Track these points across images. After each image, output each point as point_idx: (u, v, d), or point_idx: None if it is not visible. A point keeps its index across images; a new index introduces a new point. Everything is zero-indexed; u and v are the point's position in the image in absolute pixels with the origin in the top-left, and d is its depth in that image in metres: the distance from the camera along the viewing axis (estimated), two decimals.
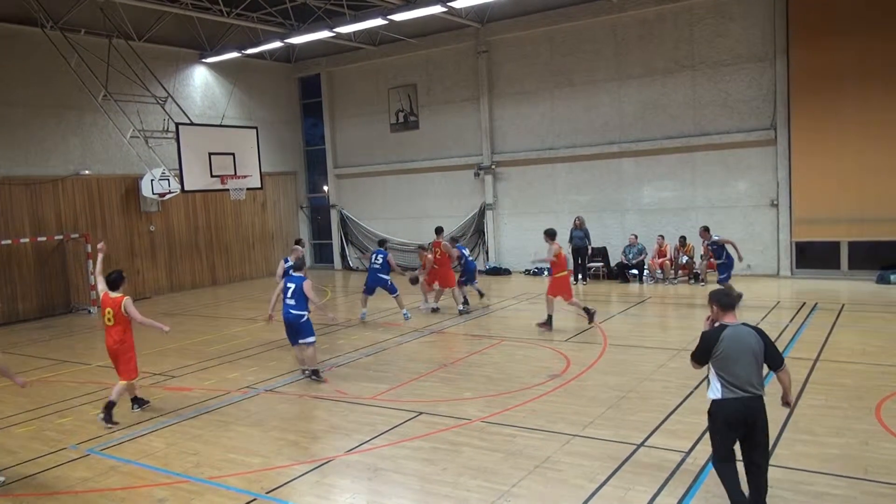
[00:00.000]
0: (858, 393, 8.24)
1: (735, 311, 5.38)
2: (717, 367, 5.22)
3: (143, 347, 13.29)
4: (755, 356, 5.17)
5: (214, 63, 22.39)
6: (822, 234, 17.21)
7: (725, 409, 5.17)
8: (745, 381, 5.13)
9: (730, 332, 5.21)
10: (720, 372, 5.20)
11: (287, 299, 10.09)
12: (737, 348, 5.15)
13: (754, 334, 5.22)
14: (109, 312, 8.67)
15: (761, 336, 5.22)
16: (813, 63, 16.58)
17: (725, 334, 5.20)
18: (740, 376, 5.13)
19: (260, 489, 6.44)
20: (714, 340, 5.21)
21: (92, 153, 19.19)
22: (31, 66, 17.76)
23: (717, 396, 5.22)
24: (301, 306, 10.02)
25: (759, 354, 5.18)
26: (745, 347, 5.16)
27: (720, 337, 5.19)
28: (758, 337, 5.21)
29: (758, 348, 5.17)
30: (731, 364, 5.15)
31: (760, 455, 5.21)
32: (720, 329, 5.26)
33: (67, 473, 7.10)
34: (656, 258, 18.09)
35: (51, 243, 18.08)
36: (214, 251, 22.56)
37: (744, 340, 5.18)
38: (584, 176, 20.16)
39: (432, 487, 6.30)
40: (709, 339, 5.26)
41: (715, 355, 5.21)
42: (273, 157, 24.03)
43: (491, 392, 9.12)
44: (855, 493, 5.71)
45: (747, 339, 5.19)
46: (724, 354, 5.17)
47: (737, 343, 5.16)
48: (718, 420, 5.23)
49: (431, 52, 22.31)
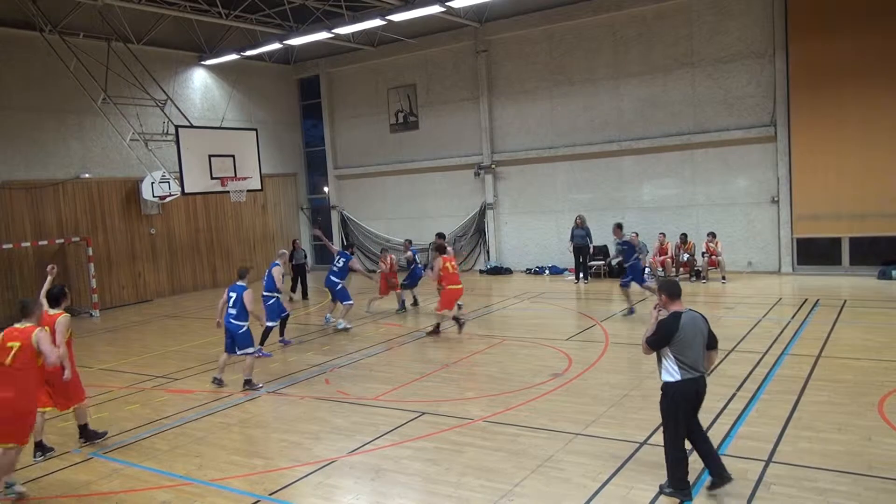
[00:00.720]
0: (861, 389, 8.23)
1: (680, 298, 5.77)
2: (675, 352, 5.57)
3: (145, 350, 13.36)
4: (704, 339, 5.65)
5: (213, 65, 22.39)
6: (823, 230, 17.20)
7: (683, 390, 5.58)
8: (697, 363, 5.61)
9: (686, 318, 5.59)
10: (678, 356, 5.57)
11: (229, 308, 9.97)
12: (692, 333, 5.58)
13: (703, 319, 5.71)
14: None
15: (705, 319, 5.74)
16: (812, 59, 16.56)
17: (684, 321, 5.57)
18: (695, 359, 5.59)
19: (263, 491, 6.44)
20: (675, 328, 5.55)
21: (92, 156, 19.20)
22: (31, 70, 17.77)
23: (677, 378, 5.59)
24: (242, 317, 9.89)
25: (706, 337, 5.67)
26: (699, 332, 5.62)
27: (679, 324, 5.55)
28: (704, 321, 5.71)
29: (706, 331, 5.67)
30: (686, 348, 5.55)
31: (696, 419, 5.78)
32: (677, 316, 5.60)
33: (71, 477, 7.11)
34: (657, 256, 18.08)
35: (52, 247, 18.08)
36: (215, 253, 22.57)
37: (697, 325, 5.63)
38: (584, 175, 20.15)
39: (435, 487, 6.30)
40: (669, 326, 5.58)
41: (674, 341, 5.56)
42: (273, 158, 24.04)
43: (493, 391, 9.12)
44: (858, 490, 5.70)
45: (700, 324, 5.65)
46: (682, 339, 5.55)
47: (693, 328, 5.59)
48: (677, 400, 5.60)
49: (430, 52, 22.31)
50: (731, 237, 18.01)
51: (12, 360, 6.33)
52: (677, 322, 5.54)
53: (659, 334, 5.63)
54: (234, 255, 23.04)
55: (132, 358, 12.78)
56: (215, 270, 22.53)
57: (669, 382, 5.64)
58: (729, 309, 13.87)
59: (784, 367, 9.33)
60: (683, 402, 5.60)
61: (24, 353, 6.36)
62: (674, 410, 5.64)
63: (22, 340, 6.40)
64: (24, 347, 6.36)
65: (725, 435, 7.00)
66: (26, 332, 6.45)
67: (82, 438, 7.98)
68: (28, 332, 6.47)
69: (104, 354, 13.50)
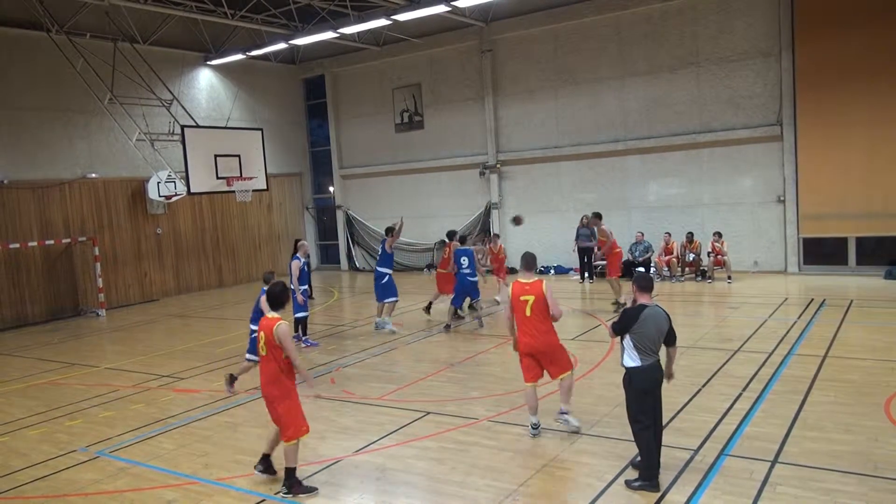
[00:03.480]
0: (867, 389, 8.20)
1: (651, 293, 6.14)
2: (635, 340, 6.00)
3: (151, 349, 13.41)
4: (661, 333, 6.06)
5: (219, 65, 22.44)
6: (830, 229, 17.13)
7: (642, 374, 5.98)
8: (654, 351, 6.02)
9: (649, 311, 6.01)
10: (638, 343, 5.98)
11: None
12: (652, 324, 5.99)
13: (665, 315, 6.10)
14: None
15: (668, 317, 6.12)
16: (819, 58, 16.50)
17: (646, 313, 5.99)
18: (653, 348, 6.00)
19: (269, 490, 6.46)
20: (635, 318, 5.98)
21: (98, 156, 19.27)
22: (37, 70, 17.84)
23: (637, 364, 5.99)
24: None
25: (664, 332, 6.07)
26: (658, 325, 6.03)
27: (641, 315, 5.98)
28: (666, 317, 6.10)
29: (665, 327, 6.07)
30: (645, 337, 5.96)
31: (659, 410, 6.07)
32: (640, 308, 6.03)
33: (77, 475, 7.14)
34: (663, 255, 18.04)
35: (58, 247, 18.16)
36: (221, 253, 22.63)
37: (658, 320, 6.03)
38: (589, 174, 20.13)
39: (441, 487, 6.31)
40: (631, 316, 6.02)
41: (635, 330, 5.98)
42: (278, 158, 24.08)
43: (498, 391, 9.12)
44: (865, 490, 5.68)
45: (661, 319, 6.05)
46: (643, 329, 5.96)
47: (653, 321, 6.00)
48: (637, 383, 5.99)
49: (435, 52, 22.31)
50: (737, 237, 17.96)
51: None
52: (640, 313, 5.98)
53: (622, 322, 6.07)
54: (240, 255, 23.10)
55: (138, 357, 12.83)
56: (221, 270, 22.59)
57: (631, 367, 6.03)
58: (734, 309, 13.84)
59: (790, 368, 9.30)
60: (641, 386, 5.98)
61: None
62: (634, 394, 6.02)
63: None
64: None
65: (731, 435, 6.99)
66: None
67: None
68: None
69: (110, 354, 13.56)
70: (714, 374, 9.21)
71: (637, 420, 5.99)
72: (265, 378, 6.36)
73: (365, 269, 24.16)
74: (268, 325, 6.29)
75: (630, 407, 6.08)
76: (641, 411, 5.97)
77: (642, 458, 6.01)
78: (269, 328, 6.24)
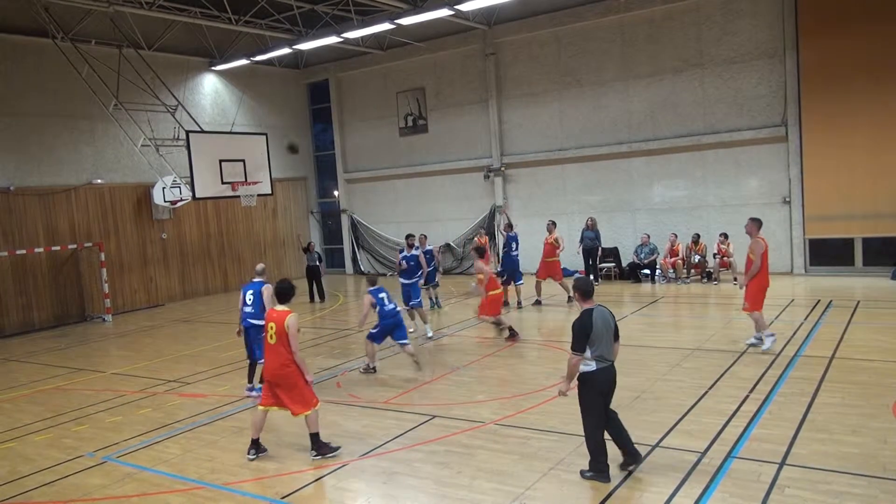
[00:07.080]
0: (875, 390, 8.16)
1: (592, 298, 6.25)
2: (590, 345, 6.02)
3: (157, 354, 13.43)
4: (610, 332, 6.15)
5: (224, 70, 22.52)
6: (836, 230, 17.07)
7: (599, 378, 6.09)
8: (608, 353, 6.12)
9: (597, 313, 6.08)
10: (591, 348, 6.02)
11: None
12: (603, 326, 6.07)
13: (610, 314, 6.24)
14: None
15: (613, 315, 6.26)
16: (823, 58, 16.45)
17: (595, 316, 6.05)
18: (606, 350, 6.08)
19: (275, 494, 6.46)
20: (589, 325, 6.00)
21: (104, 162, 19.35)
22: (43, 77, 17.93)
23: (592, 368, 6.06)
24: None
25: (612, 330, 6.17)
26: (608, 325, 6.13)
27: (591, 321, 6.01)
28: (612, 316, 6.24)
29: (613, 324, 6.19)
30: (598, 341, 6.02)
31: (609, 406, 6.29)
32: (589, 313, 6.08)
33: (84, 481, 7.15)
34: (668, 257, 17.99)
35: (64, 252, 18.23)
36: (226, 258, 22.67)
37: (606, 319, 6.14)
38: (594, 176, 20.11)
39: (447, 491, 6.30)
40: (585, 325, 6.01)
41: (592, 337, 6.01)
42: (283, 162, 24.14)
43: (504, 394, 9.10)
44: (875, 492, 5.65)
45: (608, 318, 6.17)
46: (596, 333, 6.02)
47: (603, 322, 6.09)
48: (595, 388, 6.10)
49: (439, 56, 22.34)
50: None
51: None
52: (590, 318, 6.02)
53: (580, 336, 6.03)
54: (245, 260, 23.13)
55: (144, 362, 12.85)
56: (226, 274, 22.62)
57: (586, 373, 6.10)
58: (740, 311, 13.76)
59: (797, 369, 9.26)
60: (599, 390, 6.11)
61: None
62: (594, 398, 6.12)
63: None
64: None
65: (739, 437, 6.96)
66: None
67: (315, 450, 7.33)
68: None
69: (117, 359, 13.60)
70: (721, 375, 9.18)
71: (592, 421, 6.18)
72: (275, 364, 7.08)
73: (368, 272, 24.11)
74: (279, 316, 7.06)
75: (589, 410, 6.19)
76: (597, 413, 6.15)
77: (593, 456, 6.20)
78: (281, 319, 7.02)
